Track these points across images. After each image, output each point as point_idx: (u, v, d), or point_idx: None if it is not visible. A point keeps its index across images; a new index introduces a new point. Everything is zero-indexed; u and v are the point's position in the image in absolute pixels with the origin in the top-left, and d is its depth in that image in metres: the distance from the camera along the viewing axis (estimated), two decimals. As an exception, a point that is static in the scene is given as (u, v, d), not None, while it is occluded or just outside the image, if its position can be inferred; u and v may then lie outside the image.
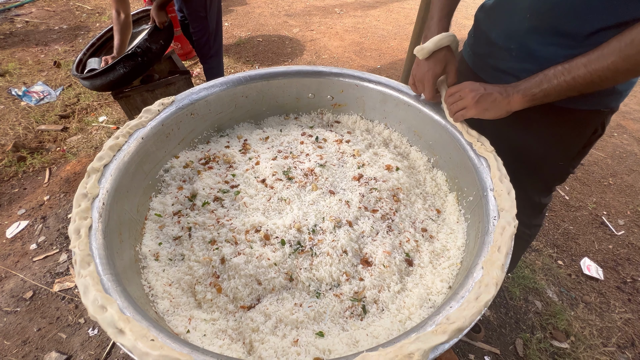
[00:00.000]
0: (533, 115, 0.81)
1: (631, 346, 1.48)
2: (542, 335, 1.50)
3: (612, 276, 1.73)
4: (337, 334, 0.68)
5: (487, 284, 0.55)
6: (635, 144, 2.58)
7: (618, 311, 1.59)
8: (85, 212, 0.66)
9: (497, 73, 0.87)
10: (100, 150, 0.78)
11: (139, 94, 2.42)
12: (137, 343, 0.47)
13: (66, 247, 1.87)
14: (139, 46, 2.19)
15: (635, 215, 2.04)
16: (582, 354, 1.44)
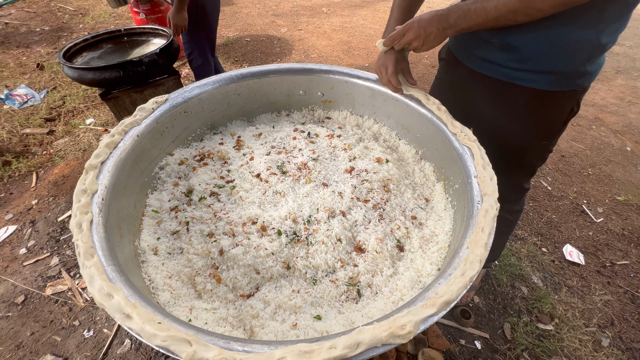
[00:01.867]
0: (517, 101, 0.90)
1: (611, 326, 1.56)
2: (528, 318, 1.57)
3: (592, 261, 1.82)
4: (334, 316, 0.72)
5: (472, 261, 0.59)
6: (612, 135, 2.70)
7: (598, 293, 1.67)
8: (85, 207, 0.68)
9: (484, 63, 0.94)
10: (89, 152, 0.80)
11: (128, 95, 2.40)
12: (145, 326, 0.50)
13: (57, 250, 1.85)
14: (148, 56, 2.21)
15: (613, 203, 2.14)
16: (566, 335, 1.51)
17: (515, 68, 0.86)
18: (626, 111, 2.97)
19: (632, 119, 2.88)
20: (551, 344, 1.48)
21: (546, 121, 0.93)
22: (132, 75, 2.25)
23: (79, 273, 1.74)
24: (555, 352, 1.46)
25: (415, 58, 3.90)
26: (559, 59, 0.80)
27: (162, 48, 2.31)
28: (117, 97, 2.37)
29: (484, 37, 0.90)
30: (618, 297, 1.66)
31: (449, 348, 1.46)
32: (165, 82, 2.51)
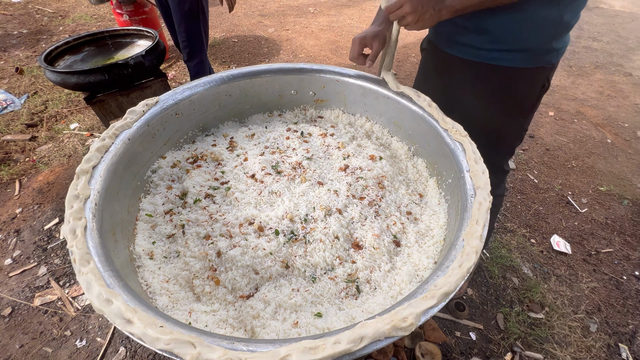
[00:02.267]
0: (493, 80, 0.98)
1: (598, 311, 1.62)
2: (520, 308, 1.61)
3: (578, 250, 1.89)
4: (335, 313, 0.72)
5: (468, 253, 0.61)
6: (593, 129, 2.80)
7: (585, 281, 1.73)
8: (78, 213, 0.67)
9: (462, 47, 1.01)
10: (75, 158, 0.78)
11: (114, 98, 2.35)
12: (147, 330, 0.49)
13: (45, 259, 1.80)
14: (133, 58, 2.16)
15: (596, 193, 2.22)
16: (556, 322, 1.56)
17: (489, 49, 0.94)
18: (605, 105, 3.08)
19: (611, 112, 2.99)
20: (542, 332, 1.53)
21: (521, 98, 1.01)
22: (117, 78, 2.20)
23: (69, 282, 1.70)
24: (547, 339, 1.51)
25: (402, 57, 3.94)
26: (528, 37, 0.88)
27: (148, 50, 2.27)
28: (102, 100, 2.32)
29: (460, 24, 0.97)
30: (604, 284, 1.73)
31: (445, 340, 1.49)
32: (152, 84, 2.47)
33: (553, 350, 1.47)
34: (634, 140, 2.67)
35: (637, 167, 2.42)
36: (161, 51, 2.42)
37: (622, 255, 1.86)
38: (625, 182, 2.30)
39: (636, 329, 1.56)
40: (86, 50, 2.60)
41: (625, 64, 3.76)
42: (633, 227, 2.01)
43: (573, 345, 1.49)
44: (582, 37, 4.42)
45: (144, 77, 2.43)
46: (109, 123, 2.44)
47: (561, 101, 3.13)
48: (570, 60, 3.85)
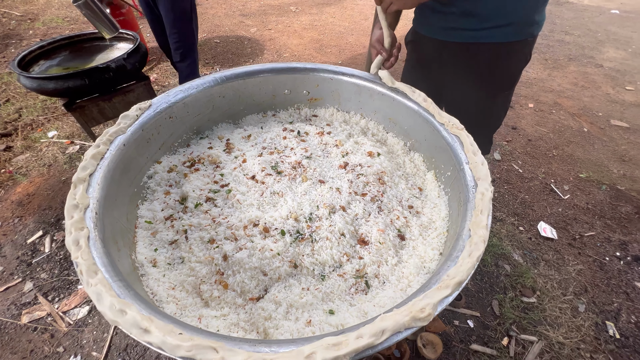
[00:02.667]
0: (482, 57, 1.04)
1: (585, 292, 1.70)
2: (513, 294, 1.67)
3: (564, 235, 1.97)
4: (346, 309, 0.73)
5: (476, 242, 0.63)
6: (570, 118, 2.93)
7: (571, 264, 1.82)
8: (79, 223, 0.64)
9: (448, 31, 1.06)
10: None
11: (95, 104, 2.27)
12: (166, 338, 0.48)
13: (30, 274, 1.72)
14: (115, 61, 2.08)
15: (576, 180, 2.33)
16: (547, 305, 1.63)
17: (478, 28, 0.99)
18: (580, 95, 3.23)
19: (586, 102, 3.13)
20: (535, 315, 1.59)
21: (509, 71, 1.08)
22: (98, 82, 2.13)
23: (58, 296, 1.63)
24: (540, 322, 1.57)
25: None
26: (514, 11, 0.94)
27: (130, 52, 2.20)
28: (83, 106, 2.24)
29: (444, 10, 1.02)
30: (588, 266, 1.81)
31: (444, 330, 1.52)
32: (134, 88, 2.40)
33: (546, 332, 1.54)
34: (608, 128, 2.81)
35: (612, 154, 2.55)
36: (143, 53, 2.36)
37: (604, 237, 1.96)
38: (603, 169, 2.42)
39: (620, 306, 1.65)
40: (62, 54, 2.50)
41: (596, 56, 3.95)
42: (612, 210, 2.12)
43: (564, 325, 1.56)
44: (555, 31, 4.61)
45: (126, 80, 2.36)
46: (91, 130, 2.36)
47: (539, 93, 3.25)
48: (545, 53, 4.00)
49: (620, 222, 2.04)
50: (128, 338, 1.49)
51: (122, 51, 2.55)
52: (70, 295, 1.64)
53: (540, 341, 1.50)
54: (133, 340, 1.48)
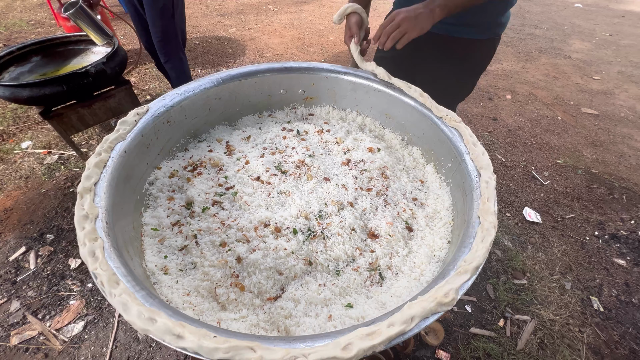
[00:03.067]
0: (456, 50, 1.16)
1: (570, 271, 1.81)
2: (505, 277, 1.76)
3: (547, 218, 2.08)
4: (364, 302, 0.75)
5: (487, 228, 0.66)
6: (545, 108, 3.08)
7: (556, 245, 1.92)
8: (92, 234, 0.62)
9: None
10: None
11: (74, 111, 2.17)
12: (202, 342, 0.48)
13: (16, 293, 1.63)
14: (94, 66, 1.99)
15: (555, 166, 2.46)
16: (537, 285, 1.72)
17: (454, 23, 1.11)
18: (552, 86, 3.40)
19: (558, 92, 3.31)
20: (527, 296, 1.68)
21: (477, 63, 1.24)
22: (77, 88, 2.04)
23: (49, 314, 1.56)
24: (532, 301, 1.66)
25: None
26: (484, 13, 1.07)
27: (109, 56, 2.12)
28: (61, 114, 2.14)
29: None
30: (571, 246, 1.93)
31: (445, 317, 1.58)
32: (115, 93, 2.32)
33: (538, 311, 1.62)
34: (579, 116, 2.98)
35: (585, 140, 2.71)
36: (123, 57, 2.28)
37: (583, 218, 2.09)
38: (577, 154, 2.57)
39: (602, 282, 1.77)
40: (33, 60, 2.38)
41: (564, 48, 4.17)
42: (588, 193, 2.26)
43: (553, 303, 1.66)
44: (526, 25, 4.82)
45: (106, 85, 2.27)
46: (70, 138, 2.25)
47: (515, 85, 3.40)
48: (518, 47, 4.18)
49: (597, 204, 2.18)
50: (129, 351, 1.45)
51: (98, 55, 2.46)
52: (62, 311, 1.57)
53: (533, 320, 1.59)
54: (135, 352, 1.45)
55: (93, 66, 2.03)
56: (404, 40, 0.97)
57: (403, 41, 0.98)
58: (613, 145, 2.66)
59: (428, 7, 0.93)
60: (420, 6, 0.94)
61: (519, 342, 1.51)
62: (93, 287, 1.66)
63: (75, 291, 1.65)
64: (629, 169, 2.44)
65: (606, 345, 1.52)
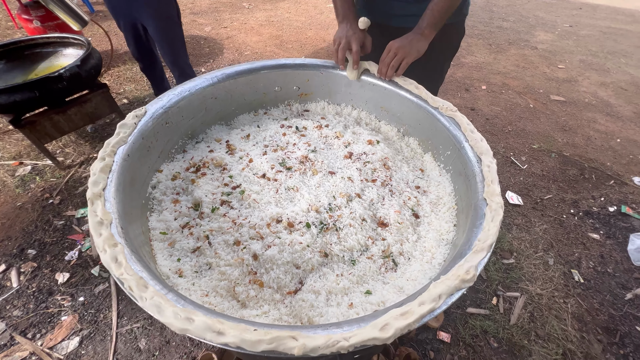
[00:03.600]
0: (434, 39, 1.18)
1: (551, 248, 1.94)
2: (495, 258, 1.85)
3: (527, 200, 2.21)
4: (382, 288, 0.77)
5: (495, 208, 0.70)
6: (518, 97, 3.25)
7: (537, 225, 2.05)
8: (111, 240, 0.61)
9: (401, 18, 1.21)
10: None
11: (48, 118, 2.05)
12: (244, 335, 0.49)
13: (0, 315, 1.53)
14: (68, 69, 1.88)
15: (531, 151, 2.61)
16: (524, 263, 1.83)
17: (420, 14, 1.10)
18: (523, 75, 3.59)
19: (528, 81, 3.50)
20: (515, 274, 1.78)
21: (452, 43, 1.34)
22: (50, 94, 1.93)
23: (39, 332, 1.48)
24: (520, 279, 1.76)
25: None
26: None
27: (83, 58, 2.02)
28: (33, 122, 2.03)
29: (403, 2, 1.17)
30: (551, 225, 2.06)
31: (442, 299, 1.65)
32: (92, 97, 2.23)
33: (526, 287, 1.73)
34: (549, 103, 3.17)
35: (555, 125, 2.89)
36: (98, 59, 2.18)
37: (559, 198, 2.24)
38: (550, 139, 2.74)
39: (580, 255, 1.91)
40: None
41: (531, 39, 4.41)
42: (562, 174, 2.42)
43: (539, 279, 1.77)
44: (494, 18, 5.04)
45: (81, 89, 2.16)
46: (45, 147, 2.13)
47: (489, 76, 3.56)
48: (489, 39, 4.37)
49: (570, 184, 2.34)
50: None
51: (69, 58, 2.33)
52: (54, 328, 1.49)
53: (523, 295, 1.69)
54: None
55: (67, 70, 1.92)
56: (404, 65, 1.05)
57: (403, 66, 1.06)
58: (580, 129, 2.85)
59: (417, 33, 1.04)
60: (409, 34, 1.05)
61: (512, 317, 1.60)
62: (85, 301, 1.59)
63: (66, 306, 1.57)
64: (596, 150, 2.63)
65: (588, 312, 1.64)
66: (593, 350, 1.51)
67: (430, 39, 1.06)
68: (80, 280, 1.67)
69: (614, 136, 2.78)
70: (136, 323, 1.52)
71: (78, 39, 2.28)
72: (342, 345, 0.49)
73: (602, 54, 4.11)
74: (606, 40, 4.49)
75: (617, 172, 2.43)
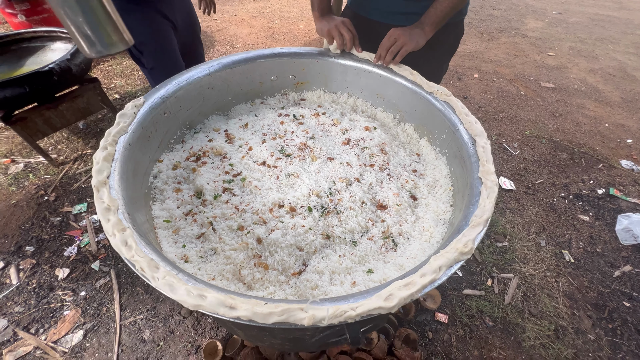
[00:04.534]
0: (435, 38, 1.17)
1: (543, 230, 2.00)
2: (489, 241, 1.91)
3: (520, 185, 2.27)
4: (383, 266, 0.80)
5: (490, 186, 0.73)
6: (509, 84, 3.29)
7: (529, 209, 2.11)
8: (119, 225, 0.62)
9: (390, 15, 1.19)
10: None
11: (39, 113, 2.02)
12: (256, 309, 0.51)
13: (0, 311, 1.53)
14: (59, 64, 1.84)
15: (522, 137, 2.66)
16: (517, 246, 1.89)
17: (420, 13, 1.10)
18: (514, 63, 3.63)
19: (519, 69, 3.54)
20: (509, 256, 1.84)
21: (450, 43, 1.31)
22: (40, 89, 1.90)
23: (42, 327, 1.49)
24: (513, 260, 1.82)
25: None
26: None
27: (73, 52, 1.99)
28: (24, 118, 2.00)
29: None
30: (542, 208, 2.12)
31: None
32: (83, 92, 2.20)
33: (519, 268, 1.79)
34: (539, 90, 3.22)
35: (546, 112, 2.94)
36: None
37: (550, 183, 2.29)
38: (541, 125, 2.79)
39: (570, 236, 1.97)
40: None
41: (521, 27, 4.44)
42: (553, 159, 2.48)
43: (532, 260, 1.83)
44: (485, 6, 5.05)
45: (72, 84, 2.13)
46: (37, 144, 2.10)
47: (481, 64, 3.59)
48: (480, 27, 4.39)
49: (560, 168, 2.40)
50: (136, 353, 1.42)
51: (58, 52, 2.29)
52: (57, 323, 1.50)
53: (516, 276, 1.75)
54: (143, 353, 1.42)
55: (57, 64, 1.89)
56: (402, 52, 1.06)
57: (402, 53, 1.07)
58: (570, 114, 2.91)
59: (419, 27, 1.05)
60: (412, 26, 1.06)
61: (506, 297, 1.66)
62: (87, 295, 1.60)
63: (68, 301, 1.58)
64: (585, 135, 2.69)
65: (578, 290, 1.71)
66: (583, 326, 1.57)
67: (429, 36, 1.07)
68: (81, 275, 1.67)
69: (603, 121, 2.85)
70: (139, 315, 1.54)
71: (66, 32, 2.23)
72: (350, 315, 0.51)
73: (590, 41, 4.17)
74: (594, 27, 4.54)
75: (606, 155, 2.50)
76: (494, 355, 1.47)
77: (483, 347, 1.49)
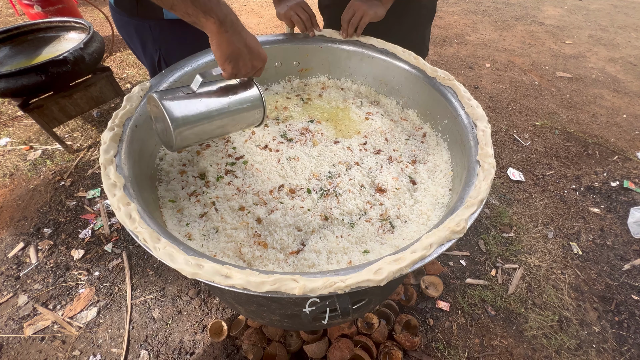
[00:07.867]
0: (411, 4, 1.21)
1: (551, 222, 1.96)
2: (495, 232, 1.89)
3: (529, 177, 2.22)
4: (380, 247, 0.82)
5: (487, 168, 0.73)
6: (523, 74, 3.20)
7: (538, 200, 2.07)
8: (124, 199, 0.65)
9: None
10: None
11: (54, 101, 2.10)
12: (249, 278, 0.53)
13: (21, 287, 1.62)
14: (72, 53, 1.91)
15: (534, 128, 2.60)
16: (523, 237, 1.87)
17: None
18: (529, 52, 3.52)
19: (534, 58, 3.43)
20: (515, 247, 1.82)
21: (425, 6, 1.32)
22: (55, 77, 1.96)
23: (59, 304, 1.57)
24: (519, 251, 1.80)
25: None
26: None
27: (86, 42, 2.04)
28: (41, 106, 2.07)
29: None
30: (552, 200, 2.08)
31: (442, 271, 1.70)
32: (96, 81, 2.25)
33: (525, 259, 1.77)
34: (555, 80, 3.12)
35: (560, 102, 2.86)
36: (100, 42, 2.20)
37: (561, 174, 2.24)
38: (554, 116, 2.71)
39: (580, 229, 1.93)
40: (2, 50, 2.24)
41: (538, 15, 4.28)
42: (565, 151, 2.41)
43: (538, 251, 1.81)
44: (500, -6, 4.88)
45: (85, 73, 2.19)
46: (53, 131, 2.18)
47: (494, 53, 3.49)
48: (494, 15, 4.26)
49: (573, 160, 2.34)
50: (146, 330, 1.49)
51: (72, 42, 2.35)
52: (72, 300, 1.58)
53: (521, 267, 1.73)
54: (152, 330, 1.49)
55: (71, 52, 1.95)
56: (362, 24, 1.09)
57: (362, 25, 1.09)
58: (586, 105, 2.82)
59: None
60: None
61: (510, 287, 1.65)
62: (101, 275, 1.67)
63: (83, 280, 1.66)
64: (601, 127, 2.60)
65: (585, 283, 1.68)
66: (588, 317, 1.55)
67: (387, 6, 1.10)
68: (95, 257, 1.75)
69: (620, 112, 2.75)
70: (149, 295, 1.60)
71: (80, 22, 2.29)
72: (339, 286, 0.53)
73: (612, 29, 3.99)
74: (617, 14, 4.34)
75: (622, 147, 2.42)
76: (494, 343, 1.47)
77: (484, 335, 1.50)
